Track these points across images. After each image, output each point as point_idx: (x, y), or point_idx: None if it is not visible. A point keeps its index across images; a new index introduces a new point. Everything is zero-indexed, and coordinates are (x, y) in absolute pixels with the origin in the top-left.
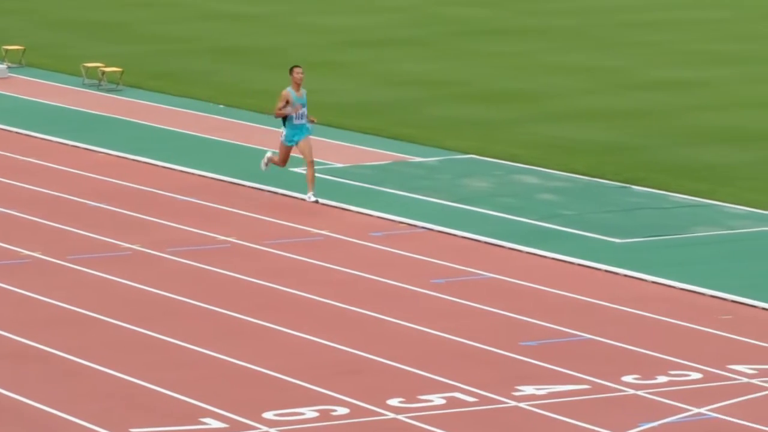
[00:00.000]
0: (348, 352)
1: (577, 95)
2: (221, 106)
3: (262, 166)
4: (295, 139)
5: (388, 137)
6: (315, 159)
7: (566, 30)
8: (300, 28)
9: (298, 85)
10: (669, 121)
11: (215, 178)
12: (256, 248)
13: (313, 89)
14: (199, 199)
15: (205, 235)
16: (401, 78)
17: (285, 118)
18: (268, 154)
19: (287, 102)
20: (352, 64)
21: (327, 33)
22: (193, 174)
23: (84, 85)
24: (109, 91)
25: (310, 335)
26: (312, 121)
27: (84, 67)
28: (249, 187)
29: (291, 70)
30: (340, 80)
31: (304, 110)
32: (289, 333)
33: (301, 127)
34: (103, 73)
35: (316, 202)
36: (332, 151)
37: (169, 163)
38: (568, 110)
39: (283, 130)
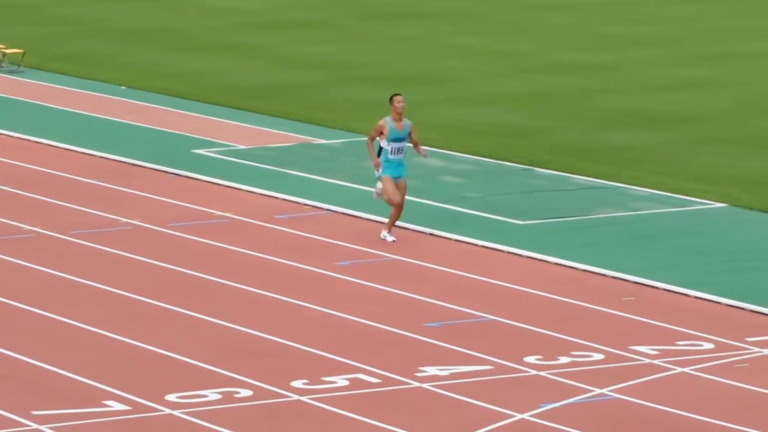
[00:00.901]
0: (252, 334)
1: (481, 78)
2: (123, 88)
3: (376, 195)
4: (390, 175)
5: (293, 119)
6: (220, 140)
7: (470, 13)
8: (204, 10)
9: (399, 115)
10: (573, 105)
11: (119, 160)
12: (160, 231)
13: (217, 71)
14: (102, 182)
15: (109, 217)
16: (305, 60)
17: (380, 150)
18: (378, 187)
19: (381, 133)
20: (255, 46)
21: (231, 15)
22: (96, 156)
23: None
24: (10, 72)
25: (214, 318)
26: (423, 155)
27: None
28: (153, 169)
29: (391, 99)
30: (244, 62)
31: (402, 145)
32: (192, 316)
33: (397, 164)
34: (4, 54)
35: (393, 240)
36: (236, 132)
37: (72, 146)
38: (473, 93)
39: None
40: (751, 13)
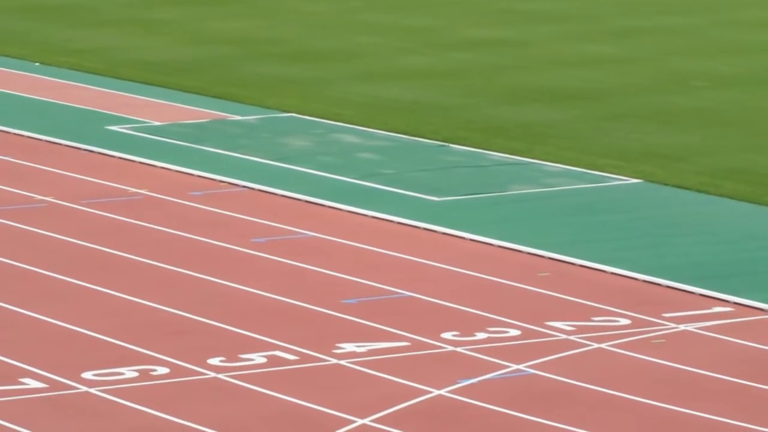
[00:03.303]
0: (168, 312)
1: (393, 54)
2: (37, 64)
3: None
4: None
5: (207, 95)
6: (134, 116)
7: None
8: None
9: None
10: (485, 81)
11: (33, 137)
12: (75, 208)
13: (128, 47)
14: (16, 159)
15: (23, 194)
16: (216, 35)
17: None
18: None
19: None
20: (165, 22)
21: None
22: (7, 132)
23: None
24: None
25: (130, 296)
26: None
27: None
28: (67, 146)
29: None
30: (154, 37)
31: None
32: (108, 293)
33: None
34: None
35: None
36: (150, 109)
37: None
38: (386, 69)
39: None
40: None
